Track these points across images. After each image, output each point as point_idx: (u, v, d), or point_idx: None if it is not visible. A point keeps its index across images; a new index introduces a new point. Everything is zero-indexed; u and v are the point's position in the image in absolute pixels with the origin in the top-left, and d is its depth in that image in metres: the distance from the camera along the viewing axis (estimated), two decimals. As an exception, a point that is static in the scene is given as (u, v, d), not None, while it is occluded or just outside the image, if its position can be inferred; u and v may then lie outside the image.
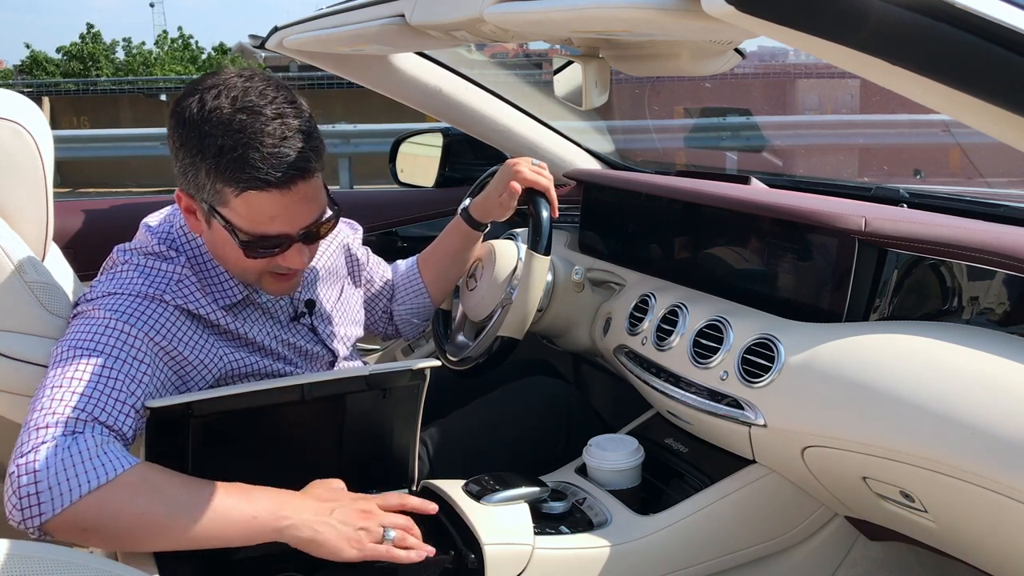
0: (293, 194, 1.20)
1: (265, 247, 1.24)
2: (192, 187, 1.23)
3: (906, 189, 1.67)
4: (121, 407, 1.16)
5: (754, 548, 1.45)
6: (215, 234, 1.27)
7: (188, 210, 1.28)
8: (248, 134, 1.16)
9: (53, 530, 1.06)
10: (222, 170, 1.17)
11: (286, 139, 1.18)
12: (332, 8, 1.57)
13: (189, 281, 1.30)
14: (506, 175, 1.62)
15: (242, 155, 1.16)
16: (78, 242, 1.82)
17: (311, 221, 1.26)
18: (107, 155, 9.73)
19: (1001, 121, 0.66)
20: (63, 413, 1.11)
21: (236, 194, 1.19)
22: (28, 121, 1.34)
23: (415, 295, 1.74)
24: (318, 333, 1.45)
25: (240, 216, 1.21)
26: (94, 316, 1.23)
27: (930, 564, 1.51)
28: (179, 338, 1.26)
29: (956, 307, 1.28)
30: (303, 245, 1.27)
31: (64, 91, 15.01)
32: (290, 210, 1.22)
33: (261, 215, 1.21)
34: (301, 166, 1.19)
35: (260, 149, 1.16)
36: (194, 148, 1.19)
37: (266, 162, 1.16)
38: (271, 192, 1.18)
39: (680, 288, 1.67)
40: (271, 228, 1.22)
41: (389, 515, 1.21)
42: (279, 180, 1.17)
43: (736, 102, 6.23)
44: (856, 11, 0.61)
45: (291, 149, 1.18)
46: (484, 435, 1.64)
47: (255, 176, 1.17)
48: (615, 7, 0.79)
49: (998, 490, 1.06)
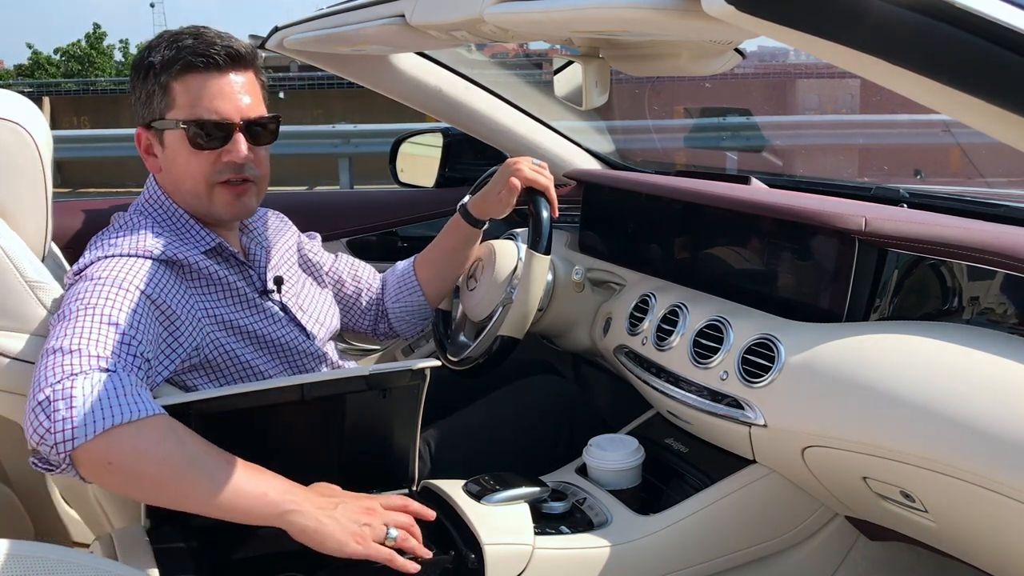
0: (230, 80, 1.35)
1: (208, 134, 1.34)
2: (145, 108, 1.37)
3: (906, 189, 1.67)
4: (135, 354, 1.18)
5: (754, 548, 1.45)
6: (168, 153, 1.37)
7: (147, 150, 1.40)
8: (190, 33, 1.36)
9: (82, 459, 1.07)
10: (165, 62, 1.33)
11: (222, 36, 1.36)
12: (332, 8, 1.57)
13: (165, 235, 1.36)
14: (506, 173, 1.63)
15: (182, 43, 1.34)
16: (78, 242, 1.81)
17: (251, 114, 1.37)
18: (107, 155, 9.73)
19: (1001, 121, 0.66)
20: (90, 352, 1.13)
21: (176, 77, 1.33)
22: (28, 121, 1.34)
23: (408, 293, 1.74)
24: (289, 311, 1.48)
25: (183, 106, 1.34)
26: (85, 281, 1.25)
27: (930, 564, 1.51)
28: (168, 292, 1.29)
29: (956, 307, 1.28)
30: (245, 139, 1.36)
31: (64, 91, 15.00)
32: (227, 93, 1.35)
33: (200, 94, 1.33)
34: (235, 51, 1.35)
35: (199, 37, 1.35)
36: (143, 62, 1.36)
37: (202, 44, 1.33)
38: (209, 72, 1.34)
39: (680, 288, 1.67)
40: (211, 109, 1.34)
41: (392, 514, 1.21)
42: (214, 61, 1.33)
43: (736, 102, 6.23)
44: (856, 11, 0.61)
45: (227, 41, 1.36)
46: (484, 435, 1.64)
47: (193, 52, 1.32)
48: (615, 7, 0.79)
49: (998, 490, 1.06)
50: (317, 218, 2.01)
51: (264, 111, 1.40)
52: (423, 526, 1.34)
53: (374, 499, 1.22)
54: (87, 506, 1.49)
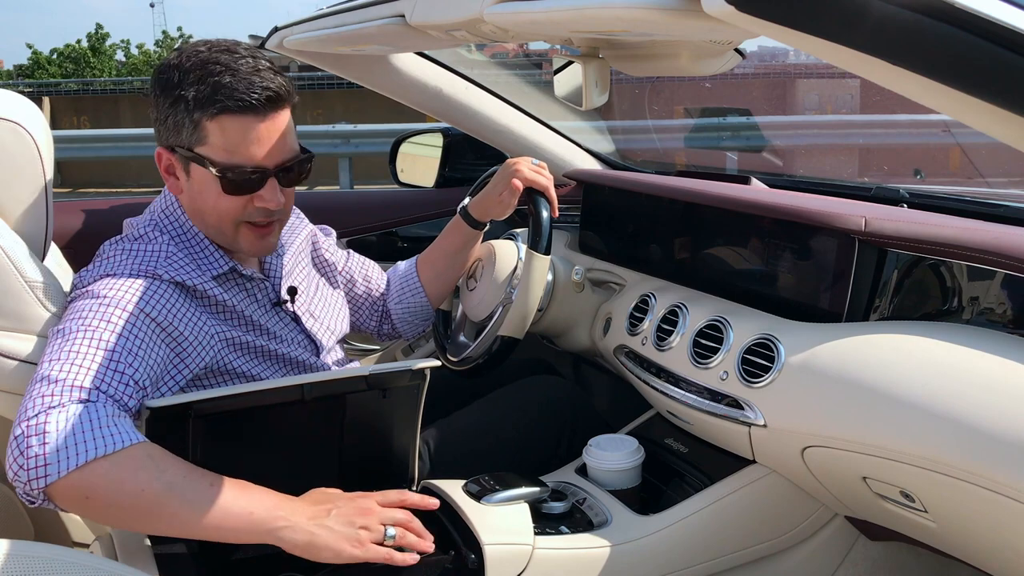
0: (268, 123, 1.27)
1: (241, 180, 1.28)
2: (171, 133, 1.29)
3: (906, 189, 1.67)
4: (127, 381, 1.17)
5: (754, 548, 1.45)
6: (194, 184, 1.31)
7: (168, 170, 1.33)
8: (223, 64, 1.26)
9: (56, 495, 1.07)
10: (200, 97, 1.25)
11: (259, 71, 1.27)
12: (332, 8, 1.57)
13: (176, 256, 1.32)
14: (506, 174, 1.63)
15: (219, 80, 1.24)
16: (78, 242, 1.82)
17: (286, 158, 1.31)
18: (107, 155, 9.73)
19: (1001, 121, 0.66)
20: (72, 382, 1.12)
21: (212, 118, 1.25)
22: (28, 121, 1.34)
23: (411, 294, 1.74)
24: (300, 321, 1.47)
25: (216, 147, 1.26)
26: (88, 297, 1.24)
27: (930, 564, 1.51)
28: (174, 314, 1.27)
29: (956, 307, 1.28)
30: (278, 184, 1.31)
31: (64, 91, 15.00)
32: (264, 138, 1.27)
33: (237, 140, 1.26)
34: (275, 94, 1.27)
35: (236, 74, 1.25)
36: (174, 88, 1.27)
37: (240, 83, 1.25)
38: (247, 117, 1.25)
39: (680, 288, 1.67)
40: (247, 156, 1.27)
41: (389, 511, 1.21)
42: (254, 103, 1.25)
43: (736, 102, 6.23)
44: (856, 11, 0.61)
45: (265, 79, 1.27)
46: (484, 435, 1.64)
47: (232, 96, 1.24)
48: (615, 7, 0.79)
49: (998, 490, 1.06)
50: (317, 218, 2.01)
51: (297, 148, 1.34)
52: (424, 525, 1.34)
53: (370, 497, 1.22)
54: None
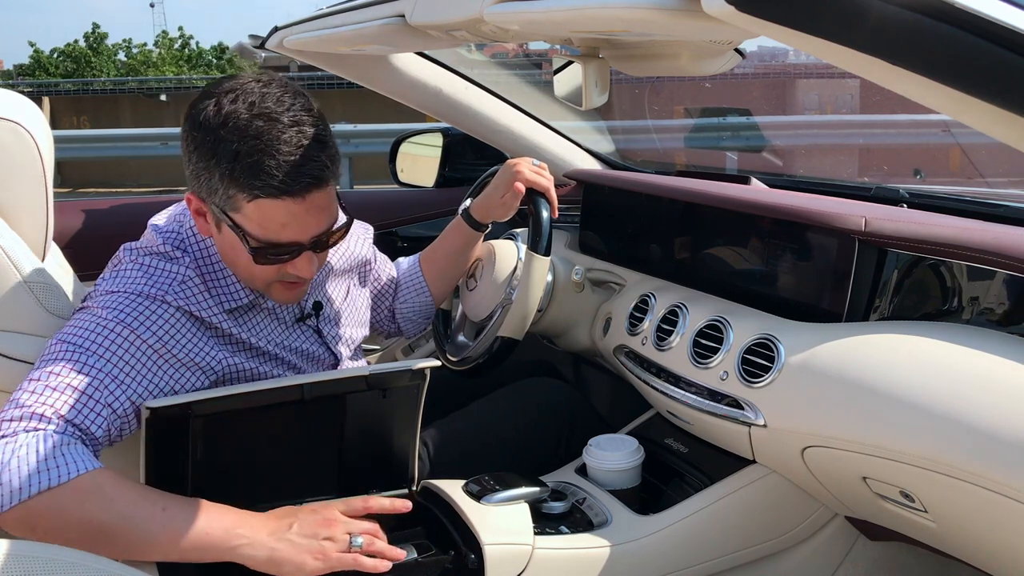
0: (307, 203, 1.19)
1: (275, 254, 1.23)
2: (204, 191, 1.22)
3: (906, 189, 1.67)
4: (94, 406, 1.15)
5: (754, 548, 1.45)
6: (224, 238, 1.26)
7: (198, 212, 1.27)
8: (264, 140, 1.16)
9: (5, 524, 1.06)
10: (236, 176, 1.16)
11: (302, 147, 1.17)
12: (332, 8, 1.56)
13: (193, 283, 1.28)
14: (507, 176, 1.62)
15: (257, 161, 1.15)
16: (78, 242, 1.82)
17: (323, 230, 1.25)
18: (107, 155, 9.72)
19: (1001, 121, 0.66)
20: (31, 408, 1.11)
21: (249, 200, 1.18)
22: (28, 121, 1.34)
23: (416, 293, 1.74)
24: (323, 336, 1.44)
25: (252, 222, 1.20)
26: (92, 313, 1.23)
27: (930, 564, 1.51)
28: (176, 340, 1.24)
29: (956, 307, 1.28)
30: (313, 254, 1.26)
31: (64, 91, 15.01)
32: (302, 219, 1.21)
33: (273, 223, 1.20)
34: (316, 175, 1.18)
35: (276, 156, 1.15)
36: (208, 152, 1.18)
37: (281, 169, 1.15)
38: (284, 200, 1.17)
39: (680, 288, 1.67)
40: (283, 236, 1.21)
41: (354, 521, 1.19)
42: (294, 189, 1.17)
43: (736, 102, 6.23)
44: (856, 11, 0.61)
45: (307, 158, 1.17)
46: (484, 435, 1.64)
47: (269, 184, 1.16)
48: (615, 7, 0.79)
49: (998, 490, 1.06)
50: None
51: (335, 214, 1.27)
52: (423, 527, 1.34)
53: (332, 507, 1.20)
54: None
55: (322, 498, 1.29)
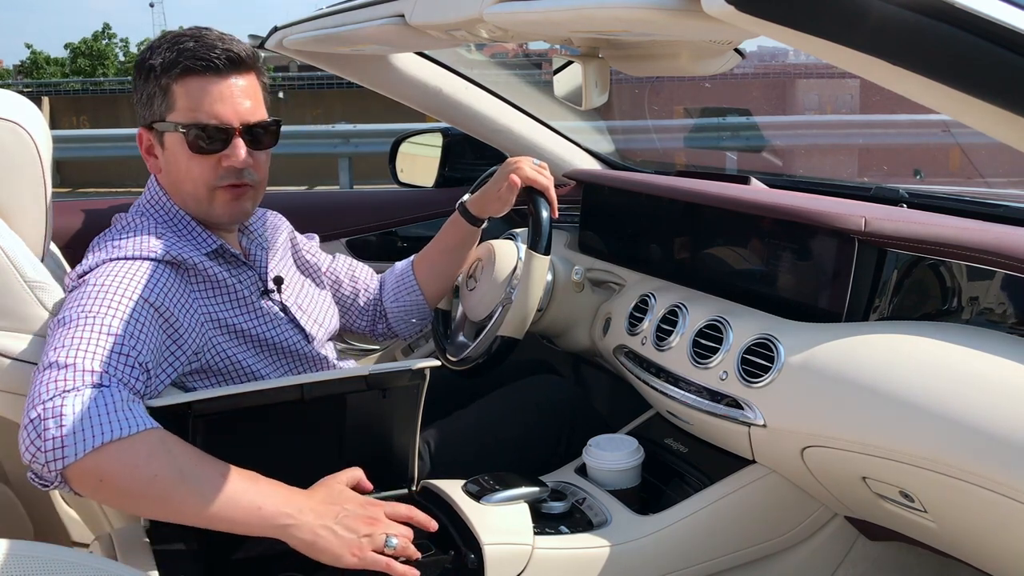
0: (229, 82, 1.35)
1: (208, 138, 1.34)
2: (146, 109, 1.37)
3: (906, 189, 1.67)
4: (133, 364, 1.18)
5: (754, 548, 1.45)
6: (168, 155, 1.38)
7: (148, 151, 1.41)
8: (191, 34, 1.36)
9: (72, 477, 1.08)
10: (166, 64, 1.33)
11: (223, 39, 1.36)
12: (332, 8, 1.57)
13: (167, 236, 1.35)
14: (507, 171, 1.63)
15: (183, 46, 1.34)
16: (78, 242, 1.82)
17: (252, 119, 1.37)
18: (107, 155, 9.73)
19: (1001, 121, 0.66)
20: (83, 367, 1.13)
21: (176, 79, 1.33)
22: (28, 121, 1.34)
23: (407, 292, 1.75)
24: (289, 312, 1.48)
25: (182, 109, 1.34)
26: (86, 286, 1.24)
27: (930, 564, 1.51)
28: (169, 296, 1.28)
29: (956, 307, 1.28)
30: (244, 143, 1.36)
31: (64, 91, 15.01)
32: (226, 97, 1.34)
33: (199, 98, 1.33)
34: (236, 54, 1.35)
35: (200, 39, 1.34)
36: (145, 63, 1.36)
37: (203, 48, 1.33)
38: (208, 77, 1.33)
39: (680, 288, 1.67)
40: (210, 113, 1.33)
41: (395, 525, 1.20)
42: (214, 64, 1.33)
43: (736, 102, 6.23)
44: (856, 11, 0.61)
45: (227, 43, 1.35)
46: (484, 435, 1.64)
47: (193, 56, 1.32)
48: (615, 7, 0.79)
49: (998, 490, 1.06)
50: (317, 218, 2.01)
51: (264, 115, 1.40)
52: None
53: (379, 507, 1.21)
54: (87, 506, 1.49)
55: None
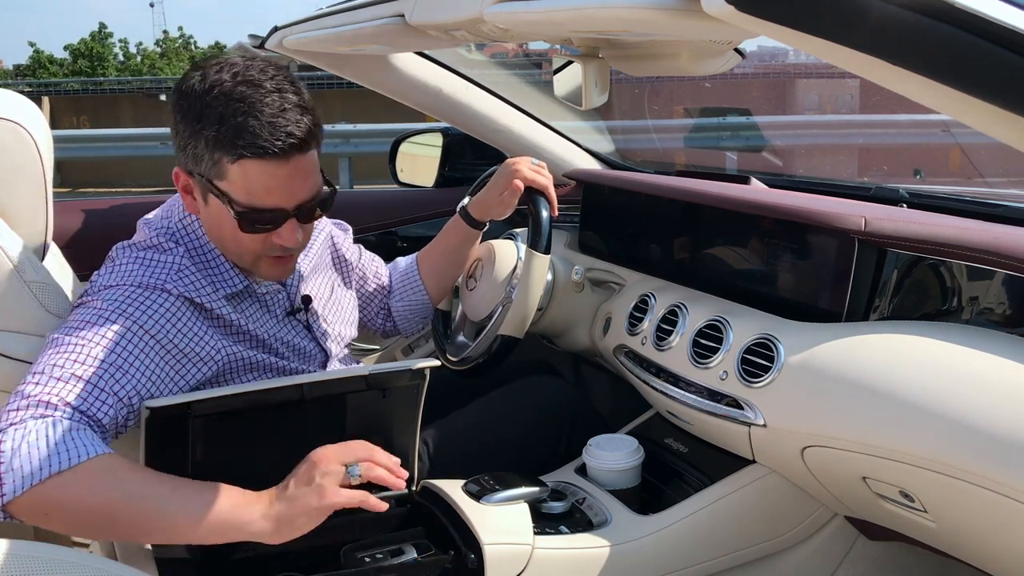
0: (290, 166, 1.22)
1: (260, 221, 1.25)
2: (191, 160, 1.24)
3: (906, 189, 1.67)
4: (100, 395, 1.15)
5: (754, 548, 1.45)
6: (211, 211, 1.28)
7: (185, 189, 1.29)
8: (248, 103, 1.19)
9: (15, 511, 1.06)
10: (221, 138, 1.19)
11: (285, 111, 1.20)
12: (332, 8, 1.56)
13: (189, 271, 1.29)
14: (506, 174, 1.63)
15: (241, 123, 1.18)
16: (78, 242, 1.82)
17: (307, 197, 1.27)
18: (107, 155, 9.73)
19: (1001, 121, 0.66)
20: (38, 396, 1.12)
21: (233, 161, 1.20)
22: (28, 121, 1.34)
23: (412, 292, 1.74)
24: (312, 330, 1.45)
25: (236, 187, 1.22)
26: (91, 307, 1.23)
27: (930, 564, 1.51)
28: (178, 328, 1.25)
29: (956, 307, 1.28)
30: (297, 222, 1.27)
31: (64, 91, 15.01)
32: (286, 182, 1.23)
33: (257, 186, 1.22)
34: (299, 137, 1.21)
35: (259, 117, 1.19)
36: (195, 118, 1.21)
37: (264, 129, 1.19)
38: (268, 161, 1.20)
39: (680, 288, 1.67)
40: (267, 201, 1.23)
41: (346, 449, 1.17)
42: (276, 149, 1.19)
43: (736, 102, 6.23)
44: (856, 11, 0.61)
45: (289, 120, 1.20)
46: (484, 435, 1.64)
47: (253, 143, 1.18)
48: (615, 7, 0.79)
49: (998, 490, 1.06)
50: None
51: (320, 185, 1.29)
52: (423, 527, 1.34)
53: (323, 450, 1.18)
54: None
55: None
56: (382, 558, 1.25)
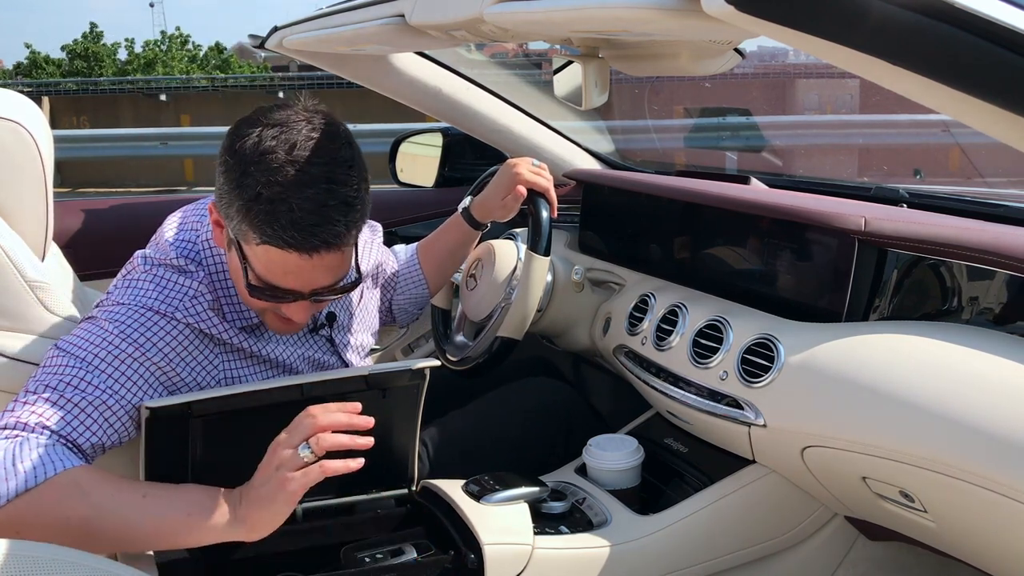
0: (314, 261, 1.15)
1: (271, 296, 1.20)
2: (223, 211, 1.19)
3: (906, 189, 1.67)
4: (85, 420, 1.14)
5: (754, 548, 1.45)
6: (232, 260, 1.24)
7: (217, 223, 1.24)
8: (289, 191, 1.11)
9: None
10: (252, 216, 1.13)
11: (325, 207, 1.12)
12: (332, 8, 1.56)
13: (204, 300, 1.25)
14: (507, 176, 1.62)
15: (275, 210, 1.11)
16: (78, 242, 1.82)
17: (326, 285, 1.21)
18: (107, 155, 9.73)
19: (1001, 121, 0.66)
20: (17, 417, 1.11)
21: (258, 243, 1.15)
22: (28, 121, 1.34)
23: (414, 286, 1.74)
24: (335, 344, 1.43)
25: (257, 261, 1.18)
26: (97, 325, 1.21)
27: (930, 564, 1.51)
28: (180, 357, 1.23)
29: (956, 307, 1.28)
30: (309, 303, 1.23)
31: (64, 91, 15.01)
32: (307, 273, 1.17)
33: (276, 268, 1.17)
34: (329, 240, 1.14)
35: (294, 211, 1.11)
36: (235, 181, 1.14)
37: (295, 226, 1.12)
38: (291, 253, 1.14)
39: (680, 288, 1.67)
40: (284, 282, 1.19)
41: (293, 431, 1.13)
42: (303, 246, 1.13)
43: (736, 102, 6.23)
44: (856, 11, 0.61)
45: (326, 220, 1.13)
46: (484, 435, 1.64)
47: (280, 236, 1.12)
48: (615, 7, 0.79)
49: (998, 490, 1.06)
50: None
51: (345, 273, 1.23)
52: (423, 527, 1.34)
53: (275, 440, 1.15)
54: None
55: (321, 498, 1.29)
56: (382, 558, 1.25)
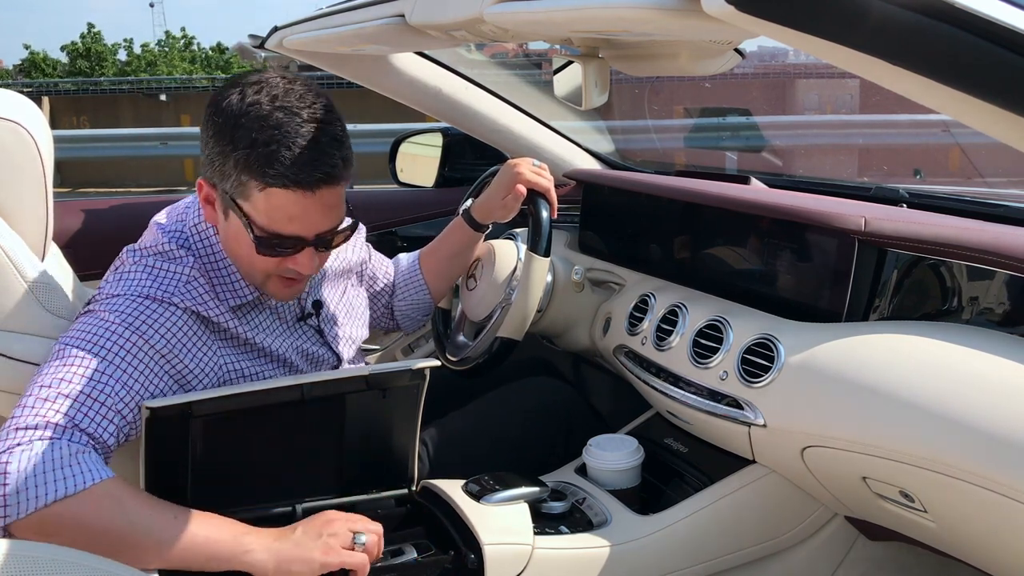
0: (316, 198, 1.20)
1: (279, 246, 1.24)
2: (217, 175, 1.23)
3: (906, 189, 1.67)
4: (107, 413, 1.15)
5: (754, 548, 1.45)
6: (230, 227, 1.26)
7: (207, 200, 1.28)
8: (283, 131, 1.18)
9: (17, 532, 1.06)
10: (251, 163, 1.18)
11: (319, 143, 1.19)
12: (332, 8, 1.56)
13: (198, 283, 1.28)
14: (507, 177, 1.62)
15: (273, 151, 1.17)
16: (78, 242, 1.82)
17: (328, 228, 1.26)
18: (107, 155, 9.72)
19: (1001, 121, 0.66)
20: (44, 415, 1.11)
21: (260, 188, 1.19)
22: (28, 121, 1.34)
23: (416, 291, 1.74)
24: (324, 335, 1.44)
25: (259, 212, 1.21)
26: (97, 317, 1.22)
27: (930, 564, 1.51)
28: (182, 343, 1.24)
29: (956, 307, 1.28)
30: (314, 251, 1.27)
31: (64, 91, 15.01)
32: (310, 214, 1.22)
33: (281, 214, 1.21)
34: (329, 172, 1.20)
35: (292, 148, 1.18)
36: (227, 137, 1.20)
37: (296, 161, 1.17)
38: (295, 192, 1.19)
39: (680, 288, 1.67)
40: (288, 228, 1.22)
41: (356, 520, 1.20)
42: (305, 181, 1.18)
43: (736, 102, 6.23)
44: (856, 11, 0.61)
45: (322, 153, 1.19)
46: (484, 435, 1.64)
47: (282, 173, 1.17)
48: (615, 7, 0.79)
49: (998, 490, 1.06)
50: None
51: (342, 217, 1.28)
52: (423, 526, 1.34)
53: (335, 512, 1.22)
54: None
55: (321, 498, 1.30)
56: (382, 558, 1.25)
